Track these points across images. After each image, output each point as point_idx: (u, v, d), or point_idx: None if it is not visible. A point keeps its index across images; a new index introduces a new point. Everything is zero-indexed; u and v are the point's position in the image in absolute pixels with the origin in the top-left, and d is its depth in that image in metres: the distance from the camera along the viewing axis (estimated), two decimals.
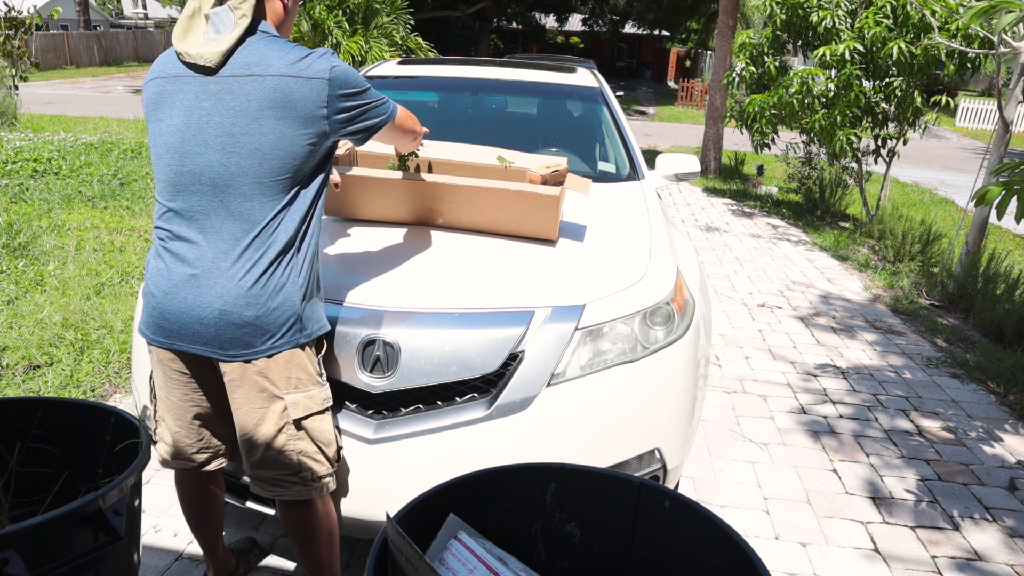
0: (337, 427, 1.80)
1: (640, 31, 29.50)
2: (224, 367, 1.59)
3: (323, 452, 1.69)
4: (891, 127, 7.06)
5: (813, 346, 4.24)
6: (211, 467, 1.79)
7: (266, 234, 1.54)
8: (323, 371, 1.71)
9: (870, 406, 3.52)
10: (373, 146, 2.47)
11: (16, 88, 10.68)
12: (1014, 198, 2.22)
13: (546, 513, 1.37)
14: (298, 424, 1.63)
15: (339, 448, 1.75)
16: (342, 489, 1.83)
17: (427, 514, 1.27)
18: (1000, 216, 2.26)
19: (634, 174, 3.11)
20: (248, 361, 1.57)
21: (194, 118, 1.53)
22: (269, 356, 1.57)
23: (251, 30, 1.56)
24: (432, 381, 1.80)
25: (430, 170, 2.33)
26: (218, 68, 1.52)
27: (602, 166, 3.33)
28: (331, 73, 1.54)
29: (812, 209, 8.14)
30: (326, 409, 1.69)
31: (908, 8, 6.17)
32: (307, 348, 1.64)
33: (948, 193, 9.99)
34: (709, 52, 25.32)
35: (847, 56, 6.41)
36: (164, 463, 1.77)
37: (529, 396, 1.81)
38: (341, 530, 1.91)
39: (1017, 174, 2.27)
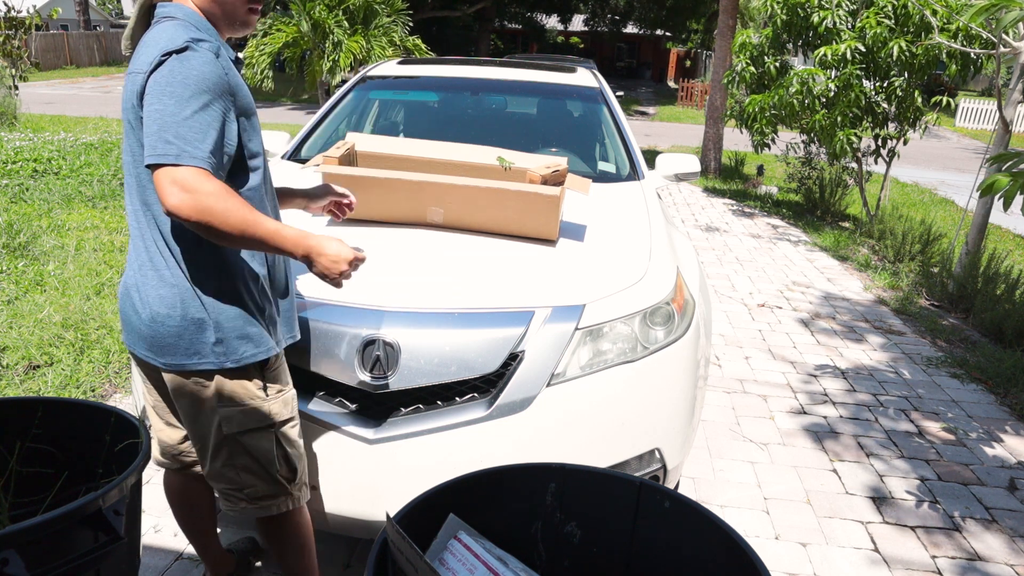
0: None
1: (640, 31, 29.49)
2: (164, 376, 1.53)
3: (267, 471, 1.59)
4: (891, 127, 7.06)
5: (813, 346, 4.24)
6: (198, 469, 1.78)
7: (173, 247, 1.45)
8: (269, 386, 1.58)
9: (870, 406, 3.52)
10: (373, 146, 2.47)
11: (16, 88, 10.68)
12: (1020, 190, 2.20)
13: (546, 513, 1.37)
14: (234, 439, 1.55)
15: (294, 469, 1.64)
16: (342, 489, 1.83)
17: (427, 514, 1.27)
18: (1006, 207, 2.24)
19: (634, 174, 3.11)
20: (185, 374, 1.50)
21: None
22: (199, 371, 1.49)
23: (151, 13, 1.42)
24: (432, 381, 1.80)
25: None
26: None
27: (602, 166, 3.33)
28: (153, 65, 1.33)
29: (812, 209, 8.14)
30: (268, 426, 1.57)
31: (909, 7, 6.16)
32: (242, 369, 1.52)
33: (948, 193, 9.98)
34: (709, 52, 25.31)
35: (848, 56, 6.41)
36: (156, 461, 1.78)
37: (529, 396, 1.81)
38: (342, 530, 1.91)
39: (1021, 170, 2.26)
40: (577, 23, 32.03)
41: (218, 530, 2.19)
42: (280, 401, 1.60)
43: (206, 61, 1.34)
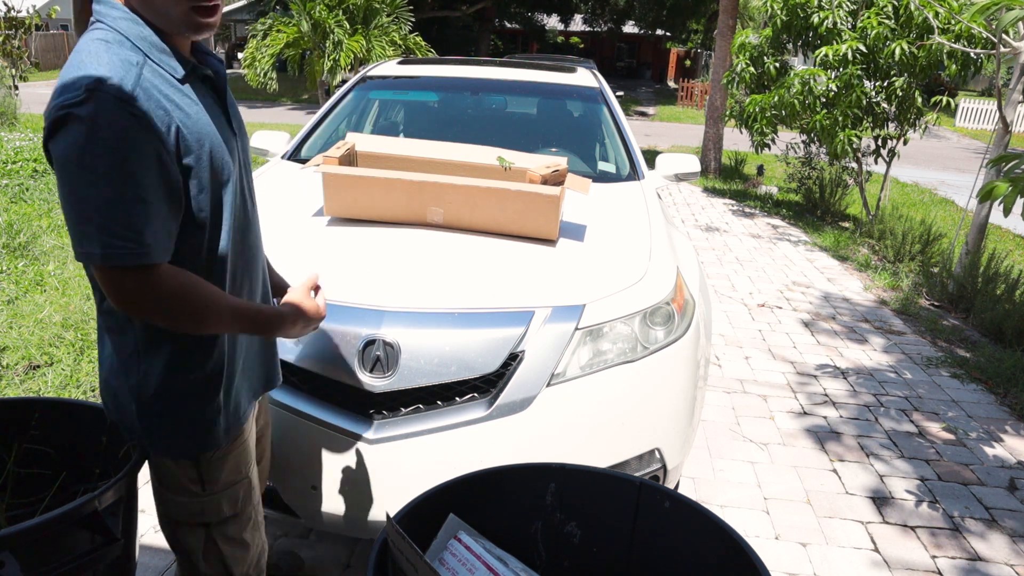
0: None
1: (640, 31, 29.49)
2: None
3: (194, 567, 1.41)
4: (891, 127, 7.06)
5: (813, 346, 4.23)
6: None
7: (108, 317, 1.26)
8: (209, 481, 1.34)
9: (870, 406, 3.51)
10: (373, 146, 2.47)
11: (16, 88, 10.68)
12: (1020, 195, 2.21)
13: (546, 513, 1.37)
14: (165, 523, 1.40)
15: (229, 572, 1.42)
16: (342, 489, 1.83)
17: (427, 514, 1.26)
18: (1006, 213, 2.25)
19: (634, 174, 3.10)
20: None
21: None
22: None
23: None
24: (432, 381, 1.80)
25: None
26: None
27: (602, 166, 3.32)
28: (51, 119, 1.06)
29: (812, 209, 8.14)
30: (200, 524, 1.37)
31: (911, 8, 6.16)
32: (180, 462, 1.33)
33: (948, 193, 9.98)
34: (709, 52, 25.30)
35: (849, 56, 6.40)
36: None
37: (529, 396, 1.81)
38: (342, 530, 1.90)
39: (1020, 175, 2.26)
40: (577, 23, 32.03)
41: None
42: (223, 496, 1.37)
43: (116, 118, 1.05)
